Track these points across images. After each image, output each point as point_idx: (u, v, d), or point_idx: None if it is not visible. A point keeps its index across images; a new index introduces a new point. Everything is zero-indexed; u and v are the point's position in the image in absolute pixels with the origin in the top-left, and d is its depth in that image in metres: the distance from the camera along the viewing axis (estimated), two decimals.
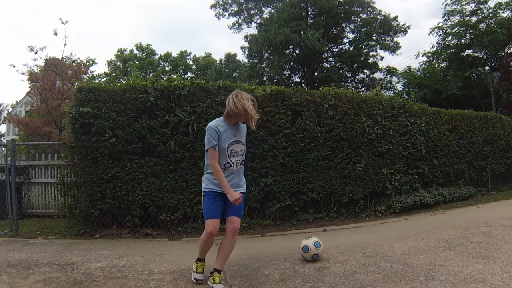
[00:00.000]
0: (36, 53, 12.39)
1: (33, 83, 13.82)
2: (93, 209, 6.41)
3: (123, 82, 7.55)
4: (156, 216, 6.59)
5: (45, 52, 16.89)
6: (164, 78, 7.13)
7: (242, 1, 33.49)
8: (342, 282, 3.77)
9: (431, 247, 5.06)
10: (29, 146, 10.61)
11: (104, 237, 6.38)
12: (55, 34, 12.37)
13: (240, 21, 34.99)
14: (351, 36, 33.80)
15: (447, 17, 22.79)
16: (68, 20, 12.34)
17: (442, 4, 22.99)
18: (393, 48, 31.62)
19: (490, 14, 21.40)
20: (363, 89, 33.13)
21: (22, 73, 13.33)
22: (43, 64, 13.28)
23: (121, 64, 45.76)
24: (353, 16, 32.24)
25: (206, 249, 3.97)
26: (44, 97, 12.44)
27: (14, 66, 12.64)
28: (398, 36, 31.71)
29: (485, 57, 22.92)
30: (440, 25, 23.21)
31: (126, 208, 6.44)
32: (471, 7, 21.87)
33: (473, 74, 22.70)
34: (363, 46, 32.58)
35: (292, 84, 32.62)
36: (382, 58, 33.48)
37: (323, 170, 7.35)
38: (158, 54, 48.21)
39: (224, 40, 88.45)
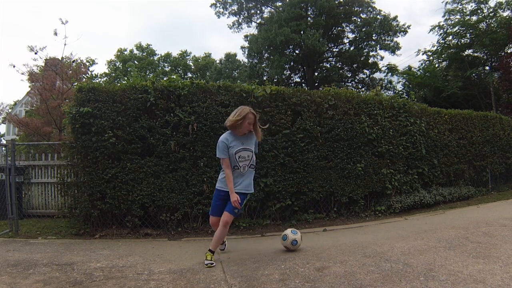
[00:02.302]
0: (36, 53, 12.37)
1: (33, 83, 13.79)
2: (93, 209, 6.41)
3: (123, 82, 7.53)
4: (156, 216, 6.59)
5: (45, 52, 16.87)
6: (164, 79, 7.12)
7: (243, 0, 33.47)
8: (342, 282, 3.77)
9: (431, 247, 5.06)
10: (29, 146, 10.63)
11: (104, 237, 6.38)
12: (55, 34, 12.37)
13: (240, 20, 34.99)
14: (351, 36, 33.85)
15: (447, 16, 22.80)
16: (68, 20, 12.34)
17: (442, 2, 22.93)
18: (393, 48, 31.60)
19: (490, 14, 21.38)
20: (363, 89, 33.19)
21: (22, 73, 13.30)
22: (43, 64, 13.27)
23: (120, 64, 45.70)
24: (353, 16, 32.23)
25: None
26: (44, 97, 12.42)
27: (14, 66, 12.61)
28: (398, 36, 31.76)
29: (485, 57, 22.90)
30: (440, 23, 23.23)
31: (126, 208, 6.44)
32: (471, 6, 21.86)
33: (473, 74, 22.66)
34: (363, 46, 32.59)
35: (292, 84, 32.64)
36: (382, 58, 33.52)
37: (323, 170, 7.35)
38: (158, 54, 48.19)
39: (223, 39, 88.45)
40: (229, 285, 3.82)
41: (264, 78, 30.12)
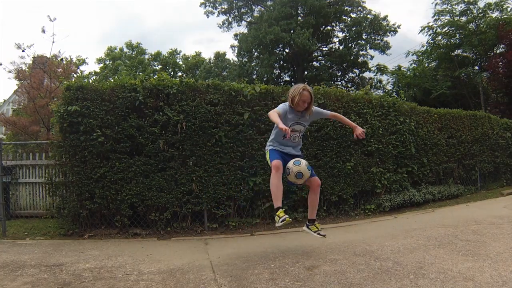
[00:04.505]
0: (23, 51, 12.20)
1: (21, 81, 13.60)
2: (82, 209, 6.34)
3: (111, 80, 7.47)
4: (145, 215, 6.54)
5: (32, 49, 16.65)
6: (154, 77, 7.08)
7: None
8: (332, 281, 3.77)
9: (421, 245, 5.08)
10: (16, 145, 10.48)
11: (93, 237, 6.32)
12: (43, 31, 12.21)
13: (230, 19, 34.97)
14: (341, 35, 34.03)
15: (437, 17, 23.01)
16: (56, 17, 12.19)
17: (432, 3, 23.15)
18: (383, 48, 31.76)
19: (480, 15, 21.61)
20: (352, 88, 33.29)
21: (9, 71, 13.11)
22: (31, 62, 13.10)
23: (110, 62, 45.30)
24: (343, 16, 32.38)
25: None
26: (32, 96, 12.25)
27: (0, 64, 12.44)
28: (388, 36, 31.94)
29: (474, 57, 23.16)
30: (430, 24, 23.41)
31: (115, 207, 6.38)
32: (460, 7, 22.10)
33: (463, 74, 22.92)
34: (353, 45, 32.75)
35: (282, 83, 32.55)
36: (372, 57, 33.62)
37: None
38: (148, 54, 47.75)
39: (213, 38, 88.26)
40: (218, 285, 3.80)
41: (254, 77, 30.17)
